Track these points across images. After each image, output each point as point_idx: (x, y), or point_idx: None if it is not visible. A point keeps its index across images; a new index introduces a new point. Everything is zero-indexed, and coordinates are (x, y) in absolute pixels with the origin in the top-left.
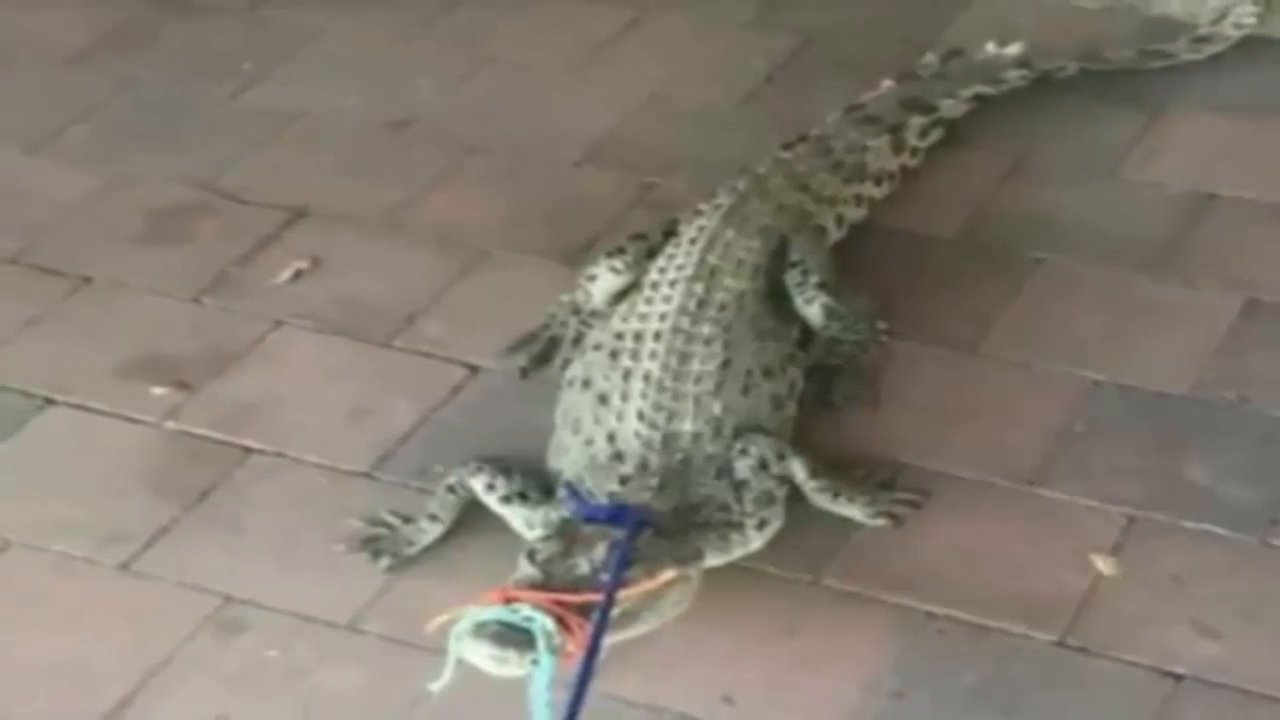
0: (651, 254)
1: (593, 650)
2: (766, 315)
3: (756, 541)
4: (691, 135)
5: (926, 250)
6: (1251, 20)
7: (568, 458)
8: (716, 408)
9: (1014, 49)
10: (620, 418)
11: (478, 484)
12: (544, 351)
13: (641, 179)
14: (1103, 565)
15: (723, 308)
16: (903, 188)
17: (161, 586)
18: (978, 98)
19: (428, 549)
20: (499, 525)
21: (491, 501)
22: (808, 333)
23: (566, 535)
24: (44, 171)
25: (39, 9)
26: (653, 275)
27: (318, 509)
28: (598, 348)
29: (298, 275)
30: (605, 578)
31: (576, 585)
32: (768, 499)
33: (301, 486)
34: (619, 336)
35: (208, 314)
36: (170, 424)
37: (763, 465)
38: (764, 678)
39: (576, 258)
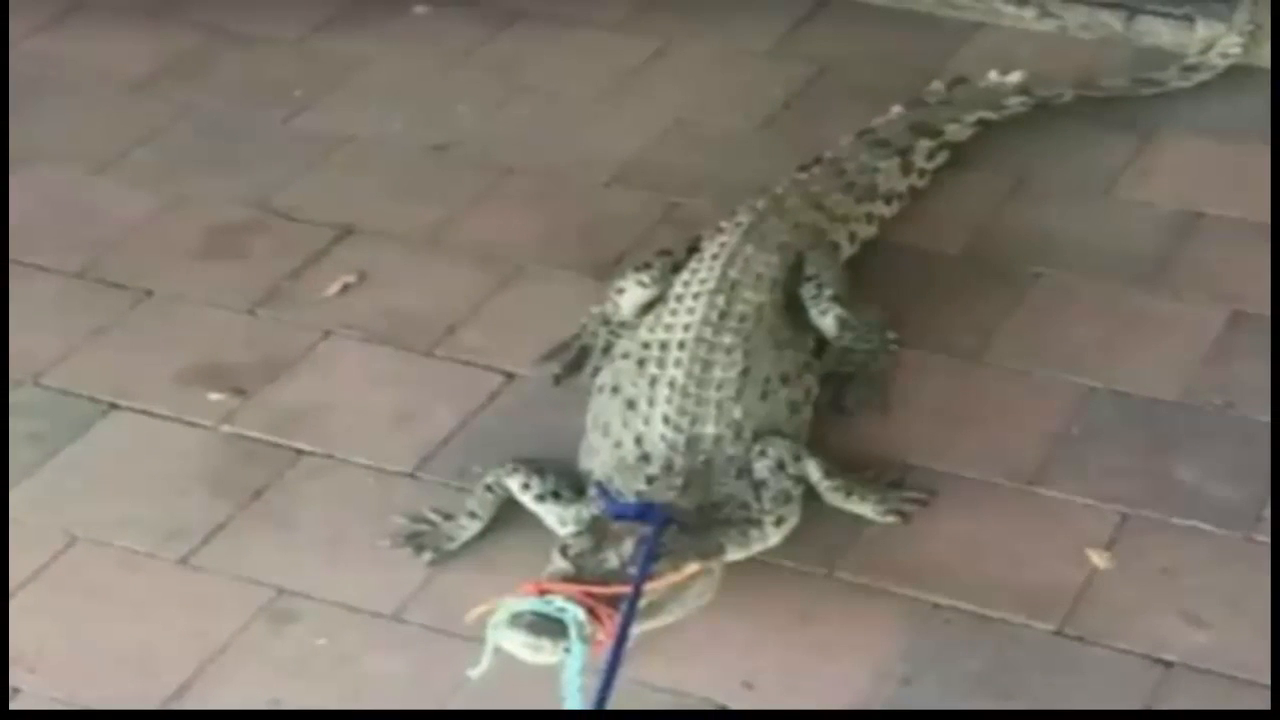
0: (676, 269)
1: (621, 639)
2: (784, 326)
3: (774, 537)
4: (714, 158)
5: (933, 265)
6: (1236, 50)
7: (598, 459)
8: (737, 412)
9: (1015, 77)
10: (647, 422)
11: (514, 483)
12: (576, 360)
13: (667, 199)
14: (1098, 559)
15: (743, 319)
16: (911, 207)
17: (218, 579)
18: (981, 123)
19: (467, 544)
20: (534, 522)
21: (527, 500)
22: (822, 342)
23: (597, 531)
24: (109, 192)
25: (105, 40)
26: (677, 289)
27: (364, 507)
28: (626, 356)
29: (346, 289)
30: (633, 571)
31: (606, 578)
32: (785, 497)
33: (349, 486)
34: (646, 346)
35: (261, 325)
36: (226, 428)
37: (780, 466)
38: (781, 664)
39: (606, 272)
